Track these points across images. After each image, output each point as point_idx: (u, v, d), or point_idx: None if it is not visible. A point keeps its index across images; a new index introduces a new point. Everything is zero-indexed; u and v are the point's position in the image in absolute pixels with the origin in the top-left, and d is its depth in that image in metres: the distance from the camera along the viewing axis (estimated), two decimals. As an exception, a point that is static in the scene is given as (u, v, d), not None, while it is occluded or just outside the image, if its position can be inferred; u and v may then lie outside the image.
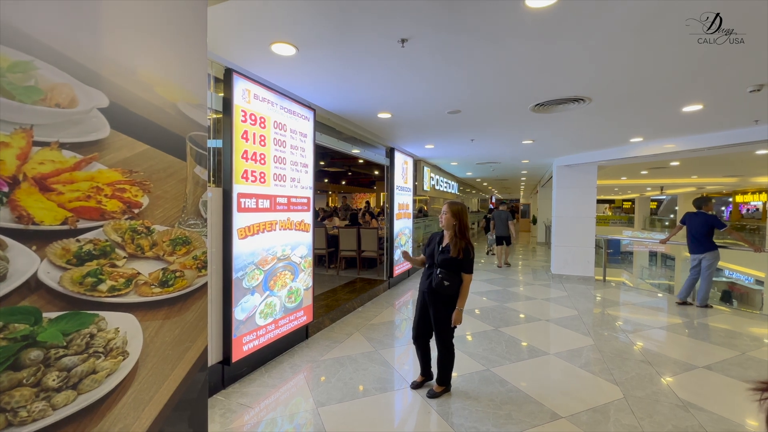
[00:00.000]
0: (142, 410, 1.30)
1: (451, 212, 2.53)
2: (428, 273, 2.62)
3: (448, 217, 2.54)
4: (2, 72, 0.94)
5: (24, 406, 0.99)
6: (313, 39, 2.30)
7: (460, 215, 2.54)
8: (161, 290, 1.36)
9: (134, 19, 1.27)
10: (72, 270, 1.10)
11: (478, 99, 3.58)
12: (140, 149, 1.29)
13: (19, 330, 0.98)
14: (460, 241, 2.50)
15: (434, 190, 9.42)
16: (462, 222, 2.53)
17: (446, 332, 2.60)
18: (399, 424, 2.37)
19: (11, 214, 0.97)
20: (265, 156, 3.08)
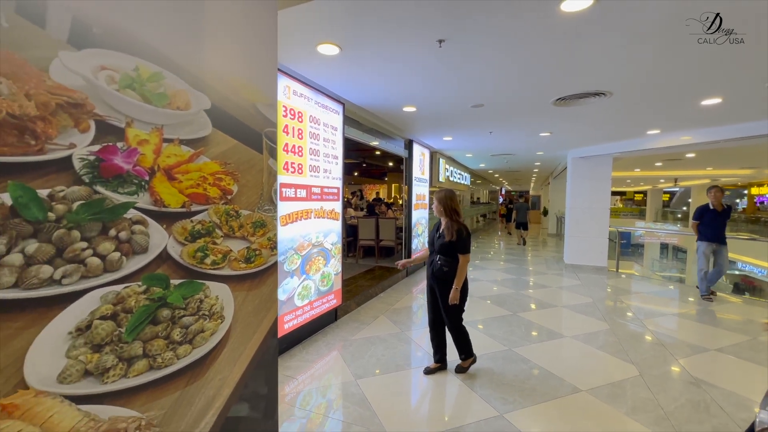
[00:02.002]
0: (234, 366, 1.54)
1: (437, 200, 2.67)
2: (430, 259, 2.78)
3: (436, 206, 2.69)
4: (143, 81, 1.15)
5: (159, 354, 1.22)
6: (357, 40, 2.48)
7: (445, 201, 2.65)
8: (246, 266, 1.58)
9: (226, 31, 1.46)
10: (188, 246, 1.32)
11: (502, 94, 3.73)
12: (231, 144, 1.50)
13: (156, 292, 1.20)
14: (453, 224, 2.62)
15: (449, 181, 9.56)
16: (449, 207, 2.64)
17: (454, 315, 2.75)
18: (431, 395, 2.60)
19: (150, 199, 1.18)
20: (302, 148, 3.29)
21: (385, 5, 2.06)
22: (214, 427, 1.43)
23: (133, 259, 1.13)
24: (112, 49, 1.06)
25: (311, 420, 2.30)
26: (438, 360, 2.91)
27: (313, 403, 2.48)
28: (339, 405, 2.46)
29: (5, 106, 0.84)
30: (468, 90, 3.61)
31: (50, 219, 0.93)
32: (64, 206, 0.96)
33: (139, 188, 1.14)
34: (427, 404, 2.51)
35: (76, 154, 0.99)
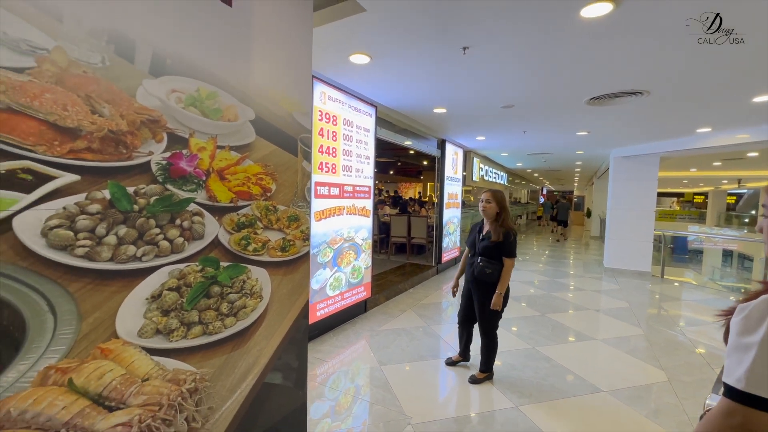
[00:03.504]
0: (269, 340, 1.79)
1: (493, 199, 2.56)
2: (471, 261, 2.69)
3: (492, 205, 2.55)
4: (203, 100, 1.41)
5: (211, 322, 1.48)
6: (386, 49, 2.67)
7: (503, 202, 2.59)
8: (281, 254, 1.83)
9: (268, 52, 1.71)
10: (234, 234, 1.58)
11: (531, 95, 3.75)
12: (271, 149, 1.74)
13: (209, 272, 1.47)
14: (501, 226, 2.54)
15: (483, 180, 9.49)
16: (505, 208, 2.58)
17: (490, 321, 2.64)
18: (449, 383, 2.74)
19: (206, 195, 1.45)
20: (335, 149, 3.54)
21: (410, 19, 2.23)
22: (253, 389, 1.69)
23: (192, 244, 1.40)
24: (180, 75, 1.32)
25: (339, 399, 2.53)
26: (461, 353, 2.94)
27: (340, 383, 2.71)
28: (363, 387, 2.67)
29: (107, 124, 1.12)
30: (496, 92, 3.68)
31: (135, 210, 1.21)
32: (145, 200, 1.24)
33: (198, 186, 1.41)
34: (444, 391, 2.66)
35: (153, 160, 1.26)
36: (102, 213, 1.13)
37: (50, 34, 1.00)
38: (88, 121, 1.08)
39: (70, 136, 1.05)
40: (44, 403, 1.01)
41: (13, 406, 0.96)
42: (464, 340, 2.92)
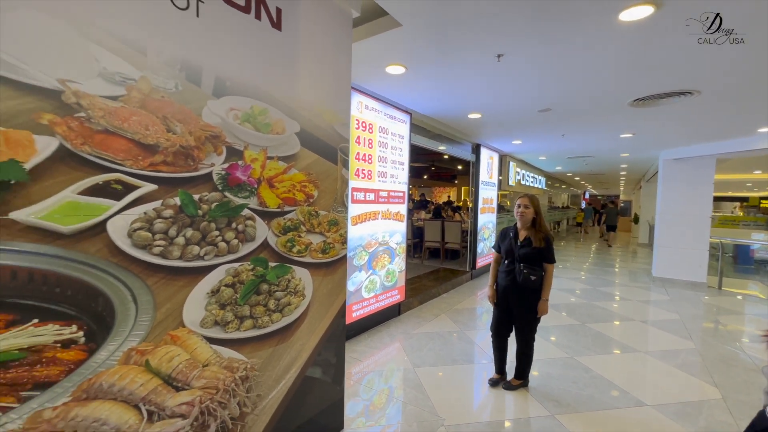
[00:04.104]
0: (311, 336, 1.92)
1: (531, 204, 2.55)
2: (509, 269, 2.61)
3: (530, 211, 2.54)
4: (255, 116, 1.57)
5: (260, 317, 1.63)
6: (421, 60, 2.76)
7: (539, 208, 2.59)
8: (322, 255, 1.96)
9: (312, 70, 1.85)
10: (280, 237, 1.73)
11: (569, 98, 3.67)
12: (314, 158, 1.88)
13: (259, 271, 1.62)
14: (539, 232, 2.52)
15: (520, 185, 9.28)
16: (540, 214, 2.58)
17: (529, 328, 2.60)
18: (482, 388, 2.74)
19: (257, 201, 1.60)
20: (371, 156, 3.66)
21: (444, 31, 2.30)
22: (296, 380, 1.82)
23: (245, 245, 1.56)
24: (237, 95, 1.49)
25: (373, 398, 2.62)
26: (499, 370, 2.81)
27: (375, 383, 2.80)
28: (397, 387, 2.74)
29: (179, 140, 1.29)
30: (532, 96, 3.64)
31: (199, 214, 1.38)
32: (207, 206, 1.41)
33: (251, 193, 1.57)
34: (478, 396, 2.66)
35: (214, 170, 1.43)
36: (174, 217, 1.30)
37: (137, 66, 1.18)
38: (164, 139, 1.25)
39: (150, 152, 1.23)
40: (127, 379, 1.19)
41: (104, 380, 1.14)
42: (501, 354, 2.79)
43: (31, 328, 1.00)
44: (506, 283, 2.62)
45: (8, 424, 0.96)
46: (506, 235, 2.68)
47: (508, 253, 2.63)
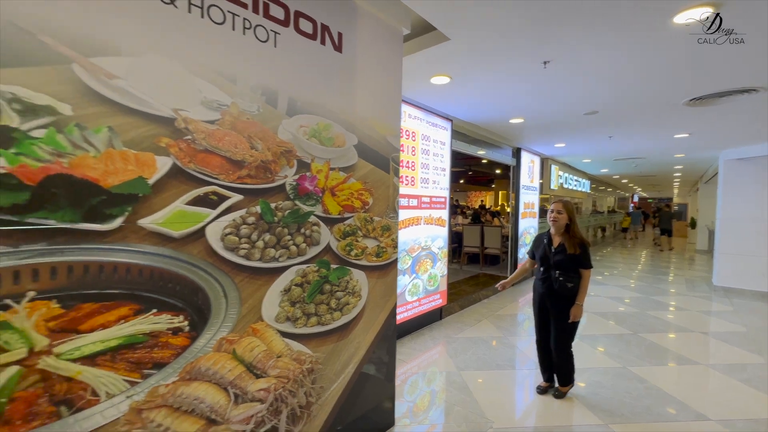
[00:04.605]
0: (366, 335, 2.04)
1: (565, 209, 2.51)
2: (544, 276, 2.58)
3: (563, 216, 2.50)
4: (320, 131, 1.73)
5: (324, 314, 1.78)
6: (466, 70, 2.84)
7: (573, 213, 2.55)
8: (377, 259, 2.08)
9: (368, 87, 2.00)
10: (341, 241, 1.87)
11: (618, 100, 3.58)
12: (369, 168, 2.02)
13: (323, 272, 1.77)
14: (573, 238, 2.49)
15: (562, 188, 8.98)
16: (574, 219, 2.54)
17: (567, 335, 2.55)
18: (531, 394, 2.73)
19: (322, 209, 1.76)
20: (414, 163, 3.77)
21: (491, 42, 2.37)
22: (354, 375, 1.95)
23: (312, 248, 1.71)
24: (306, 114, 1.66)
25: (420, 399, 2.70)
26: (548, 379, 2.78)
27: (421, 384, 2.88)
28: (443, 389, 2.80)
29: (260, 156, 1.47)
30: (578, 99, 3.59)
31: (275, 221, 1.55)
32: (281, 213, 1.57)
33: (316, 202, 1.72)
34: (524, 401, 2.66)
35: (287, 182, 1.60)
36: (255, 223, 1.48)
37: (229, 93, 1.37)
38: (249, 155, 1.44)
39: (238, 167, 1.42)
40: (219, 365, 1.37)
41: (202, 364, 1.33)
42: (546, 361, 2.75)
43: (151, 317, 1.20)
44: (542, 290, 2.60)
45: (135, 396, 1.15)
46: (540, 242, 2.65)
47: (543, 260, 2.60)
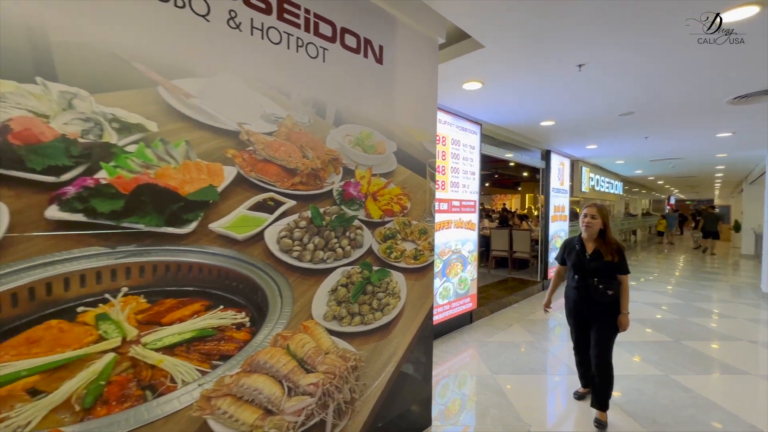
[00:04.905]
0: (404, 335, 2.10)
1: (601, 215, 2.40)
2: (580, 284, 2.44)
3: (597, 221, 2.39)
4: (363, 139, 1.82)
5: (366, 314, 1.86)
6: (499, 75, 2.88)
7: (608, 218, 2.44)
8: (414, 261, 2.15)
9: (406, 96, 2.08)
10: (382, 244, 1.95)
11: (656, 100, 3.49)
12: (407, 174, 2.09)
13: (365, 274, 1.85)
14: (609, 244, 2.38)
15: (593, 191, 8.73)
16: (609, 225, 2.43)
17: (608, 345, 2.41)
18: (569, 399, 2.70)
19: (364, 213, 1.85)
20: (444, 168, 3.82)
21: (525, 49, 2.40)
22: (393, 375, 2.02)
23: (356, 251, 1.80)
24: (350, 123, 1.75)
25: (455, 401, 2.72)
26: (586, 384, 2.70)
27: (456, 387, 2.91)
28: (478, 392, 2.82)
29: (311, 164, 1.57)
30: (613, 101, 3.53)
31: (323, 225, 1.65)
32: (329, 218, 1.67)
33: (360, 206, 1.81)
34: (561, 405, 2.63)
35: (334, 188, 1.69)
36: (306, 227, 1.58)
37: (284, 107, 1.49)
38: (301, 163, 1.54)
39: (291, 174, 1.52)
40: (275, 359, 1.47)
41: (261, 357, 1.43)
42: (584, 368, 2.65)
43: (219, 313, 1.32)
44: (579, 298, 2.46)
45: (205, 385, 1.27)
46: (571, 248, 2.52)
47: (576, 267, 2.47)
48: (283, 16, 1.48)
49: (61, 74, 0.97)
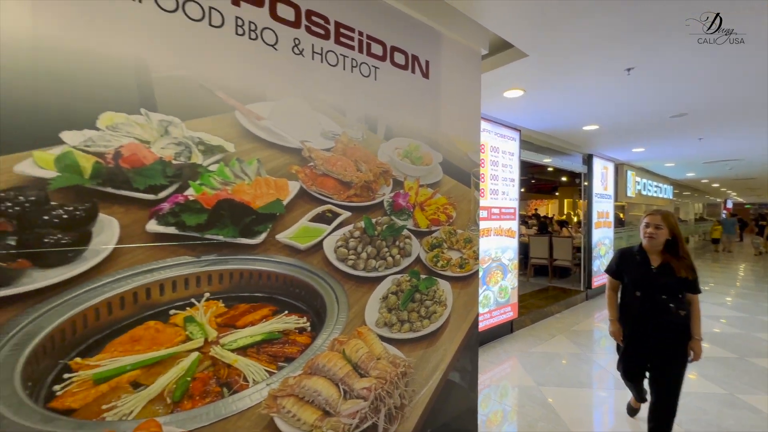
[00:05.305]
0: (451, 343, 2.12)
1: (667, 225, 2.09)
2: (644, 302, 2.11)
3: (663, 232, 2.09)
4: (411, 152, 1.89)
5: (415, 321, 1.90)
6: (542, 82, 2.86)
7: (677, 228, 2.13)
8: (460, 270, 2.17)
9: (451, 108, 2.12)
10: (428, 253, 1.99)
11: (712, 100, 3.30)
12: (453, 183, 2.13)
13: (414, 282, 1.90)
14: (682, 259, 2.08)
15: (640, 195, 8.29)
16: (680, 235, 2.12)
17: (678, 383, 2.06)
18: (620, 416, 2.58)
19: (413, 223, 1.90)
20: (483, 175, 3.80)
21: (571, 56, 2.38)
22: (440, 382, 2.04)
23: (405, 260, 1.85)
24: (400, 137, 1.82)
25: (499, 411, 2.69)
26: (640, 399, 2.52)
27: (497, 396, 2.87)
28: (523, 403, 2.76)
29: (364, 177, 1.65)
30: (664, 103, 3.38)
31: (375, 235, 1.72)
32: (380, 228, 1.74)
33: (408, 216, 1.87)
34: (614, 421, 2.52)
35: (385, 199, 1.76)
36: (360, 237, 1.66)
37: (340, 124, 1.58)
38: (356, 176, 1.63)
39: (347, 187, 1.61)
40: (332, 363, 1.54)
41: (320, 361, 1.51)
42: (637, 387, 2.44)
43: (284, 317, 1.41)
44: (642, 319, 2.12)
45: (272, 384, 1.36)
46: (630, 260, 2.20)
47: (638, 282, 2.15)
48: (340, 39, 1.58)
49: (159, 105, 1.11)
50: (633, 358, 2.26)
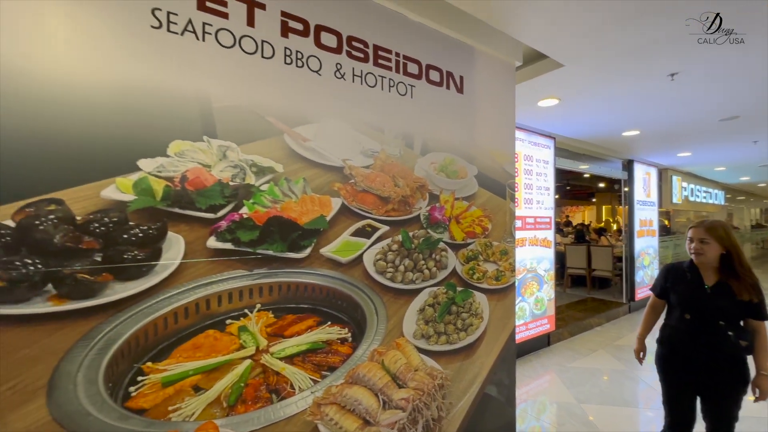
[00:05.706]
0: (488, 356, 2.11)
1: (716, 238, 1.76)
2: (694, 328, 1.80)
3: (710, 247, 1.77)
4: (447, 166, 1.92)
5: (451, 334, 1.91)
6: (578, 91, 2.81)
7: (729, 240, 1.77)
8: (496, 282, 2.16)
9: (484, 118, 2.14)
10: (464, 265, 2.01)
11: None
12: (488, 196, 2.14)
13: (450, 294, 1.92)
14: (744, 279, 1.73)
15: (687, 201, 7.80)
16: (736, 246, 1.78)
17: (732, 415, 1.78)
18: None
19: (448, 235, 1.93)
20: (517, 185, 3.75)
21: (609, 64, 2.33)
22: (477, 395, 2.03)
23: (441, 272, 1.88)
24: (435, 152, 1.86)
25: (534, 428, 2.62)
26: None
27: (534, 411, 2.79)
28: (562, 421, 2.67)
29: (401, 192, 1.71)
30: (712, 106, 3.20)
31: (412, 248, 1.76)
32: (417, 241, 1.78)
33: (444, 229, 1.90)
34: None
35: (421, 213, 1.80)
36: (397, 250, 1.71)
37: (379, 141, 1.65)
38: (393, 192, 1.68)
39: (385, 202, 1.67)
40: (372, 373, 1.59)
41: (360, 371, 1.56)
42: None
43: (327, 328, 1.48)
44: (691, 347, 1.81)
45: (316, 392, 1.43)
46: (680, 277, 1.89)
47: (688, 303, 1.84)
48: (378, 61, 1.65)
49: (219, 132, 1.22)
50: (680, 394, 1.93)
